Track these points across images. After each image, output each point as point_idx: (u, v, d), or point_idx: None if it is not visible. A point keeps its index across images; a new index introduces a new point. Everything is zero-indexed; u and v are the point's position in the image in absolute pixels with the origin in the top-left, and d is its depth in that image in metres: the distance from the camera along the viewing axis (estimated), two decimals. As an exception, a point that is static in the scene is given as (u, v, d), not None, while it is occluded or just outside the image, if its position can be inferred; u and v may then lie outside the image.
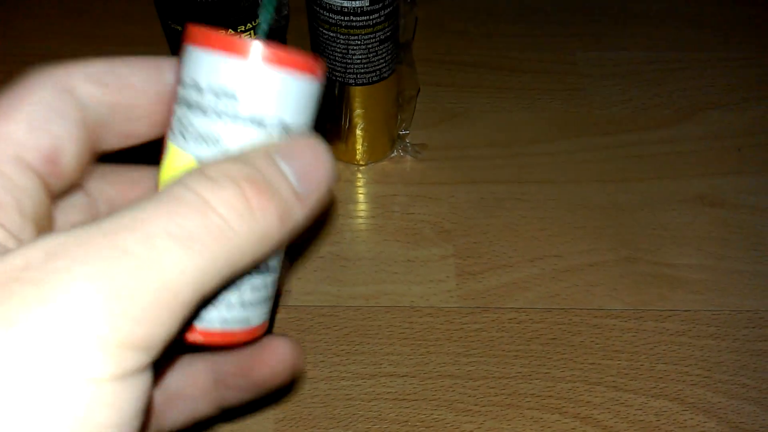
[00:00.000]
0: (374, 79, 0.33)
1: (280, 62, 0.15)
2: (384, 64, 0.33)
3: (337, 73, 0.33)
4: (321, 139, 0.16)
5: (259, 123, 0.15)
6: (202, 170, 0.14)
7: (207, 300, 0.16)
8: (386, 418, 0.28)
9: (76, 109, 0.16)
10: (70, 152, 0.16)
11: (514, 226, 0.35)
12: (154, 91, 0.18)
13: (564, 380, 0.29)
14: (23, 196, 0.15)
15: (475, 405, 0.28)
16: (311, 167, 0.16)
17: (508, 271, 0.33)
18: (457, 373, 0.29)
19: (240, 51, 0.15)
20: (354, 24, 0.30)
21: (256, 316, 0.17)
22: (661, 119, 0.40)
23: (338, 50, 0.32)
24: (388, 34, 0.32)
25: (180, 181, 0.14)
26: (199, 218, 0.13)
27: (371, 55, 0.32)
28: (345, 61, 0.32)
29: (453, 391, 0.29)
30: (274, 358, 0.19)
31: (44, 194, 0.16)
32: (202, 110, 0.15)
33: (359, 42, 0.31)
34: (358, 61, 0.32)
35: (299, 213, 0.15)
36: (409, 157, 0.37)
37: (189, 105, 0.16)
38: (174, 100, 0.16)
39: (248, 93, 0.15)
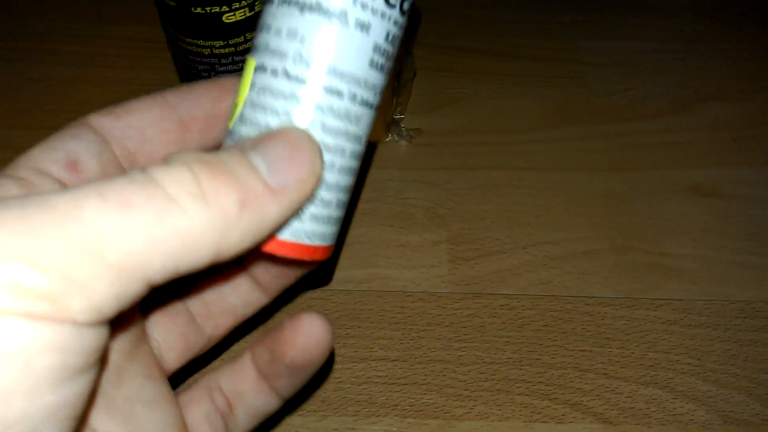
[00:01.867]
0: (370, 61, 0.33)
1: None
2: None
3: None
4: (303, 132, 0.16)
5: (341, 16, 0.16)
6: (163, 158, 0.14)
7: None
8: (376, 402, 0.28)
9: (91, 134, 0.17)
10: (90, 162, 0.17)
11: (508, 213, 0.34)
12: (160, 112, 0.19)
13: (555, 367, 0.29)
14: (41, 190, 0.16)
15: (466, 390, 0.28)
16: (287, 158, 0.15)
17: (501, 258, 0.33)
18: (448, 358, 0.29)
19: None
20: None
21: (327, 235, 0.17)
22: (660, 109, 0.40)
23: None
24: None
25: (142, 167, 0.14)
26: (140, 189, 0.13)
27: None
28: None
29: (444, 375, 0.29)
30: (301, 336, 0.19)
31: None
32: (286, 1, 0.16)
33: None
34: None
35: (272, 204, 0.14)
36: (404, 142, 0.37)
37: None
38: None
39: None
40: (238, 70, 0.29)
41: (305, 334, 0.19)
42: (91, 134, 0.17)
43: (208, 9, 0.27)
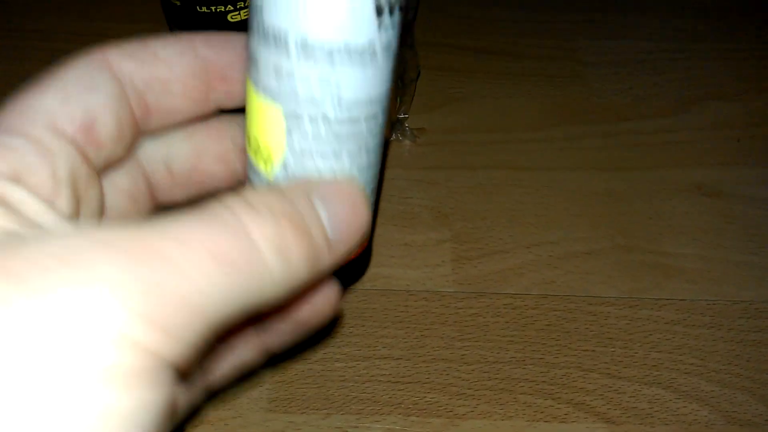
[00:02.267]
0: (374, 60, 0.33)
1: None
2: (384, 46, 0.32)
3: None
4: (359, 186, 0.16)
5: (282, 41, 0.15)
6: (243, 196, 0.14)
7: None
8: (379, 400, 0.28)
9: (111, 83, 0.16)
10: (107, 123, 0.16)
11: (511, 212, 0.34)
12: (188, 65, 0.17)
13: (558, 366, 0.29)
14: (57, 161, 0.15)
15: (469, 389, 0.28)
16: (346, 215, 0.15)
17: (504, 257, 0.33)
18: (451, 357, 0.29)
19: None
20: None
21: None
22: (660, 108, 0.40)
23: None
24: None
25: (223, 202, 0.14)
26: (237, 241, 0.13)
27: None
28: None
29: (447, 374, 0.29)
30: (318, 295, 0.18)
31: (81, 162, 0.16)
32: (254, 31, 0.15)
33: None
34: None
35: (327, 261, 0.15)
36: (407, 141, 0.37)
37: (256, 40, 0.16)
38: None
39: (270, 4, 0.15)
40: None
41: (323, 294, 0.18)
42: (109, 84, 0.16)
43: (213, 8, 0.27)
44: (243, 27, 0.28)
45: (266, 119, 0.16)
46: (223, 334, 0.19)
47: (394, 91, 0.36)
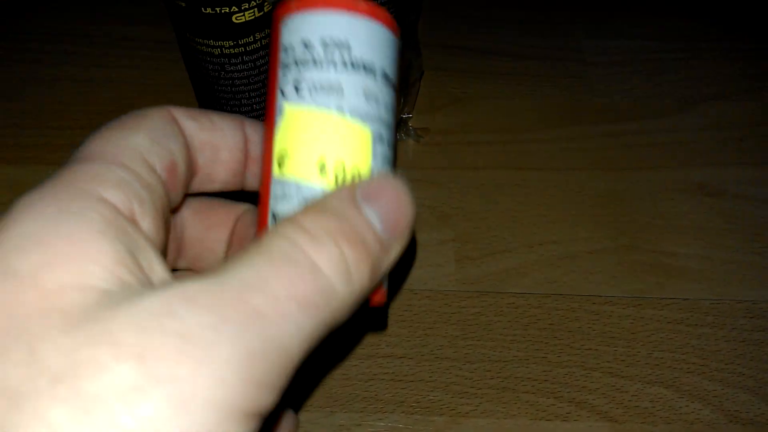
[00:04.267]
0: (377, 61, 0.33)
1: (379, 17, 0.17)
2: (388, 46, 0.33)
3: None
4: (402, 181, 0.16)
5: (370, 69, 0.17)
6: (298, 223, 0.14)
7: None
8: (382, 398, 0.28)
9: (180, 136, 0.17)
10: (183, 169, 0.17)
11: (513, 212, 0.35)
12: (238, 139, 0.18)
13: (560, 365, 0.29)
14: (155, 196, 0.15)
15: (472, 387, 0.29)
16: (395, 213, 0.15)
17: (506, 257, 0.33)
18: (454, 355, 0.29)
19: (346, 6, 0.17)
20: (358, 4, 0.30)
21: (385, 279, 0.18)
22: (663, 109, 0.40)
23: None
24: (392, 12, 0.32)
25: (282, 234, 0.14)
26: (315, 282, 0.13)
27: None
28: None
29: (450, 373, 0.29)
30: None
31: (167, 202, 0.16)
32: (316, 63, 0.16)
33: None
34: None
35: (385, 263, 0.15)
36: (410, 141, 0.37)
37: (297, 64, 0.17)
38: (272, 70, 0.17)
39: (359, 41, 0.16)
40: (247, 69, 0.29)
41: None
42: (180, 136, 0.17)
43: (218, 9, 0.27)
44: (247, 28, 0.28)
45: (347, 137, 0.17)
46: None
47: (398, 91, 0.36)
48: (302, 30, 0.17)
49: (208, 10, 0.27)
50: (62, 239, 0.12)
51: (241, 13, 0.27)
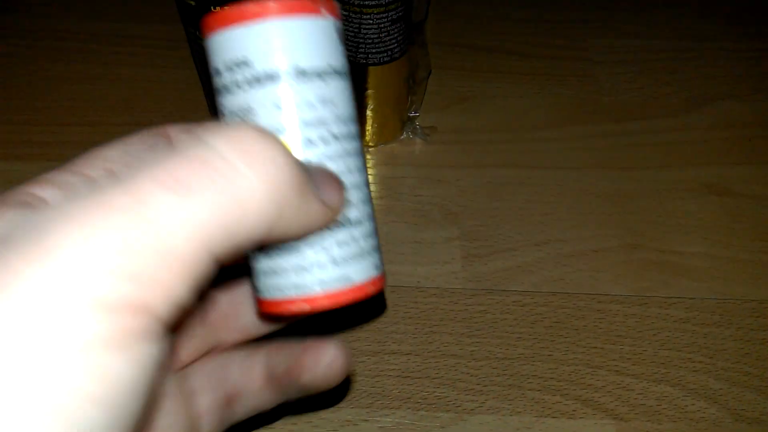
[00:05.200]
0: (385, 59, 0.33)
1: (272, 13, 0.15)
2: (396, 45, 0.33)
3: (348, 53, 0.33)
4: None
5: (275, 77, 0.15)
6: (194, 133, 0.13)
7: (269, 268, 0.16)
8: (389, 395, 0.28)
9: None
10: None
11: (520, 211, 0.35)
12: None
13: (566, 363, 0.29)
14: None
15: (478, 384, 0.29)
16: (329, 182, 0.15)
17: (513, 255, 0.33)
18: (461, 353, 0.30)
19: (233, 20, 0.15)
20: (366, 3, 0.30)
21: (357, 272, 0.17)
22: (671, 108, 0.40)
23: (350, 29, 0.32)
24: (401, 14, 0.32)
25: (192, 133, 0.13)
26: (198, 163, 0.12)
27: (383, 34, 0.32)
28: (357, 40, 0.32)
29: (456, 370, 0.29)
30: (321, 363, 0.19)
31: None
32: (227, 90, 0.16)
33: (371, 21, 0.31)
34: (370, 40, 0.32)
35: (318, 209, 0.14)
36: (418, 140, 0.37)
37: (217, 92, 0.16)
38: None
39: (257, 52, 0.15)
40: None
41: (326, 364, 0.19)
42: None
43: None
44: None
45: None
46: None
47: (406, 90, 0.36)
48: (211, 57, 0.16)
49: (218, 8, 0.27)
50: None
51: (251, 12, 0.27)
